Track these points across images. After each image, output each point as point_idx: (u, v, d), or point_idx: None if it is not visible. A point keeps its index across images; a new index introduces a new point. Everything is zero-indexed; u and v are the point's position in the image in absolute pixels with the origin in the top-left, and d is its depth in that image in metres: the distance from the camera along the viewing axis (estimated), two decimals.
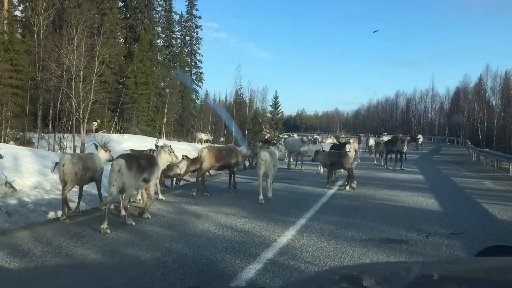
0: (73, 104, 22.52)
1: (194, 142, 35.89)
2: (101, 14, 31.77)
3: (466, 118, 59.79)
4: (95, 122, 29.80)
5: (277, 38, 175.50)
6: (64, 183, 6.92)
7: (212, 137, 42.12)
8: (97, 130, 29.31)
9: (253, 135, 47.73)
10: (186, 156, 10.76)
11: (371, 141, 18.87)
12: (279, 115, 70.45)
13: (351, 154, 11.06)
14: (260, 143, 14.52)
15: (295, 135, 22.91)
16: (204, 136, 36.87)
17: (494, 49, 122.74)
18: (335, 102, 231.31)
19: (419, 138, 33.64)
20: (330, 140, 19.87)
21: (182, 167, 10.27)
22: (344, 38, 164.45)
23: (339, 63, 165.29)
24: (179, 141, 36.99)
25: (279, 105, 68.75)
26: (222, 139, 40.08)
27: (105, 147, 7.91)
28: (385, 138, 20.71)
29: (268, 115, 67.91)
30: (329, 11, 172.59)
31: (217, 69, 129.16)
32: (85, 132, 23.33)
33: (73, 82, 22.40)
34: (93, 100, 24.29)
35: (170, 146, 7.71)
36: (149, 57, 37.49)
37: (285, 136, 30.03)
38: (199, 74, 51.51)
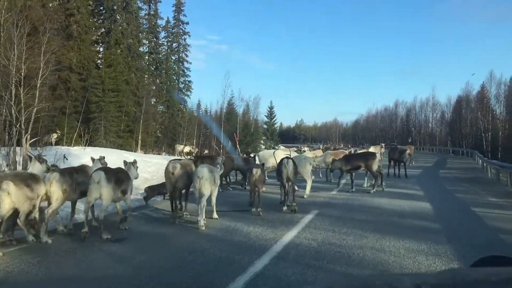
0: (12, 112, 18.37)
1: (174, 155, 31.95)
2: (67, 15, 28.05)
3: (469, 127, 55.51)
4: (54, 134, 25.85)
5: (275, 49, 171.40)
6: None
7: (197, 149, 38.03)
8: (57, 143, 25.38)
9: (245, 146, 43.78)
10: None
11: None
12: (275, 125, 66.53)
13: (256, 171, 8.42)
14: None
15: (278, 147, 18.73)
16: (185, 148, 32.72)
17: (497, 55, 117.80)
18: (334, 113, 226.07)
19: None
20: (308, 152, 15.79)
21: None
22: (343, 49, 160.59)
23: (338, 74, 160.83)
24: (159, 153, 33.00)
25: (275, 115, 64.98)
26: (206, 151, 35.92)
27: (40, 159, 7.04)
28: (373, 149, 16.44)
29: (264, 126, 64.06)
30: (328, 22, 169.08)
31: (215, 79, 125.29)
32: (27, 145, 19.05)
33: (13, 86, 18.37)
34: (39, 108, 20.32)
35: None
36: (127, 63, 33.73)
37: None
38: (187, 82, 47.71)
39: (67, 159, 15.81)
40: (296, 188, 11.21)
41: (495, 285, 1.10)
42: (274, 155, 12.06)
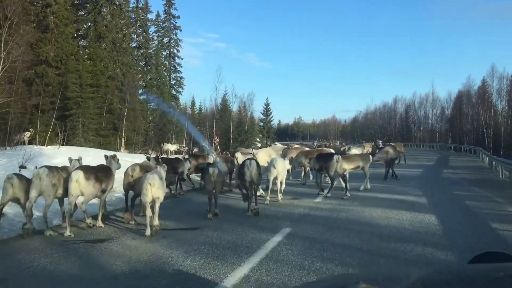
0: None
1: (161, 153, 29.84)
2: (43, 5, 25.92)
3: (470, 124, 53.22)
4: (27, 132, 23.75)
5: (274, 48, 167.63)
6: None
7: (187, 147, 35.91)
8: (30, 142, 23.29)
9: (239, 145, 41.65)
10: None
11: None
12: (271, 122, 64.31)
13: (213, 171, 7.54)
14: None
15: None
16: (171, 147, 30.63)
17: (499, 49, 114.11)
18: (332, 110, 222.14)
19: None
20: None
21: None
22: (342, 47, 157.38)
23: (336, 71, 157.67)
24: (146, 153, 30.88)
25: (271, 112, 62.70)
26: (196, 149, 33.77)
27: None
28: (355, 150, 14.19)
29: (260, 123, 61.88)
30: (326, 21, 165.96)
31: (212, 77, 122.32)
32: None
33: None
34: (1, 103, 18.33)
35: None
36: (112, 58, 31.59)
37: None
38: (178, 79, 45.58)
39: (25, 167, 13.42)
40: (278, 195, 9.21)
41: (500, 280, 1.07)
42: (235, 156, 10.08)
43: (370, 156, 11.56)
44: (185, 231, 6.59)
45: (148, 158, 8.65)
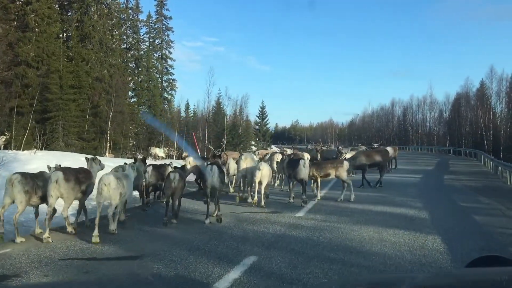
0: None
1: (148, 157, 28.33)
2: (23, 3, 24.51)
3: (469, 126, 51.78)
4: (3, 136, 22.24)
5: (271, 51, 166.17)
6: None
7: (177, 151, 34.44)
8: (6, 146, 21.79)
9: (232, 148, 40.19)
10: None
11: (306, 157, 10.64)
12: (267, 126, 62.80)
13: (174, 176, 7.12)
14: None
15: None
16: (159, 151, 29.08)
17: (497, 50, 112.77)
18: (330, 113, 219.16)
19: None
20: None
21: None
22: (340, 48, 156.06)
23: (333, 74, 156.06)
24: (134, 157, 29.40)
25: (267, 115, 61.25)
26: (185, 153, 32.22)
27: None
28: (348, 155, 12.72)
29: (255, 127, 60.45)
30: (323, 23, 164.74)
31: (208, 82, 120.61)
32: None
33: None
34: None
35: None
36: (99, 59, 30.20)
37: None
38: (171, 81, 44.15)
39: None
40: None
41: (499, 284, 1.05)
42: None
43: (345, 162, 9.93)
44: (121, 262, 5.08)
45: (135, 159, 8.49)
